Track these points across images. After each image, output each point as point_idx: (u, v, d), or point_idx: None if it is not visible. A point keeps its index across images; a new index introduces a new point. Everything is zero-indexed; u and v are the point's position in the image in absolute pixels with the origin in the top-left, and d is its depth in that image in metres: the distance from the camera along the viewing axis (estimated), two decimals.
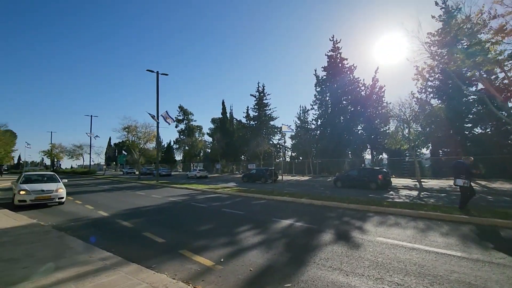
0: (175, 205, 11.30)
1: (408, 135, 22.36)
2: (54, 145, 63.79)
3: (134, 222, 7.81)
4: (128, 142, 31.83)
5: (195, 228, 7.06)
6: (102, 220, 8.29)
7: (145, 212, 9.77)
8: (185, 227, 7.31)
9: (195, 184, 21.30)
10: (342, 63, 33.20)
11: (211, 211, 9.74)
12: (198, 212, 9.68)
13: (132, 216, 8.84)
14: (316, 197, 12.14)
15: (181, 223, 7.91)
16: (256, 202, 12.06)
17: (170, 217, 8.75)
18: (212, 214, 9.20)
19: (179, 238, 6.11)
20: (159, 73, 27.22)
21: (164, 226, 7.44)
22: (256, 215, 8.76)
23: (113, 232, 6.93)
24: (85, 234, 6.51)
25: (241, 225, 7.33)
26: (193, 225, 7.43)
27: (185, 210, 10.19)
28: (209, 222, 7.87)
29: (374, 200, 10.99)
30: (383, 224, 7.32)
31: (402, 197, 13.49)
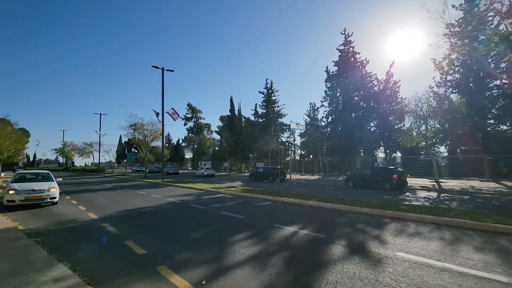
0: (172, 207, 10.52)
1: (425, 132, 20.93)
2: (66, 143, 64.83)
3: (120, 227, 7.05)
4: (134, 140, 31.47)
5: (184, 236, 6.22)
6: (88, 225, 7.57)
7: (138, 214, 9.02)
8: (174, 233, 6.48)
9: (200, 183, 20.59)
10: (354, 57, 31.71)
11: (208, 215, 8.90)
12: (195, 215, 8.85)
13: (121, 220, 8.10)
14: (325, 199, 11.13)
15: (171, 228, 7.08)
16: (260, 204, 11.15)
17: (162, 221, 7.96)
18: (209, 218, 8.35)
19: (162, 249, 5.28)
20: (164, 69, 26.65)
21: (151, 232, 6.63)
22: (256, 220, 7.85)
23: (93, 239, 6.17)
24: (60, 242, 5.77)
25: (237, 232, 6.44)
26: (183, 232, 6.59)
27: (181, 212, 9.39)
28: (202, 228, 7.02)
29: (390, 203, 9.89)
30: (403, 233, 6.28)
31: (421, 200, 12.29)
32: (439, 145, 21.80)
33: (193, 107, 68.03)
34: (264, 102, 43.51)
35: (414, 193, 14.98)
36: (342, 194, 14.66)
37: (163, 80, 26.62)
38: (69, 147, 64.06)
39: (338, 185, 20.20)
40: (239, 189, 15.99)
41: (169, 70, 27.04)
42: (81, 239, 6.16)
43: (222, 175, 36.36)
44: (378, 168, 19.31)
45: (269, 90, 43.36)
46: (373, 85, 30.53)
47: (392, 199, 12.71)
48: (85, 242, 5.90)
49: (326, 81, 34.03)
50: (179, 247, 5.37)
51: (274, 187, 18.15)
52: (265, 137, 36.02)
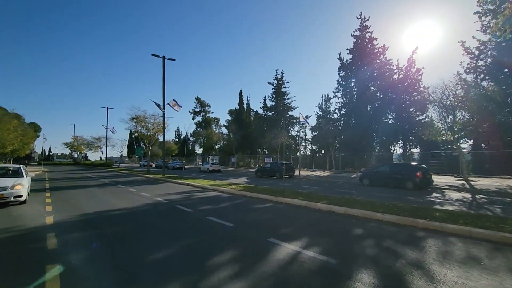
0: (154, 209, 8.91)
1: (453, 124, 18.50)
2: (76, 138, 65.11)
3: (65, 240, 5.47)
4: (137, 134, 30.32)
5: (143, 257, 4.51)
6: (29, 234, 6.02)
7: (105, 219, 7.42)
8: (132, 252, 4.79)
9: (201, 180, 19.05)
10: (371, 43, 29.09)
11: (191, 221, 7.21)
12: (174, 221, 7.17)
13: (79, 227, 6.52)
14: (337, 201, 9.24)
15: (133, 243, 5.38)
16: (259, 206, 9.39)
17: (128, 230, 6.30)
18: (189, 227, 6.65)
19: (92, 285, 3.60)
20: (165, 58, 25.15)
21: (102, 250, 4.98)
22: (248, 231, 6.09)
23: (10, 261, 4.56)
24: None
25: (218, 251, 4.70)
26: (146, 249, 4.90)
27: (159, 217, 7.74)
28: (174, 243, 5.31)
29: (419, 209, 7.90)
30: (451, 258, 4.37)
31: (454, 203, 10.20)
32: (468, 138, 19.29)
33: (201, 101, 66.73)
34: (273, 94, 41.41)
35: (443, 194, 12.85)
36: (357, 194, 12.74)
37: (164, 69, 25.15)
38: (79, 142, 64.33)
39: (352, 183, 18.19)
40: (240, 187, 14.30)
41: (170, 59, 25.56)
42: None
43: (229, 171, 34.88)
44: (399, 164, 17.19)
45: (279, 81, 41.17)
46: (392, 74, 27.88)
47: (418, 201, 10.69)
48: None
49: (339, 70, 31.56)
50: (123, 281, 3.67)
51: (281, 185, 16.46)
52: (273, 131, 34.12)
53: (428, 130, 19.94)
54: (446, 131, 19.02)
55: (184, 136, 74.00)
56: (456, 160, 27.36)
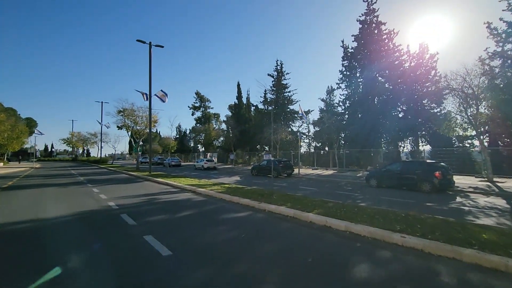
0: (86, 219, 6.66)
1: (476, 116, 15.88)
2: (73, 134, 63.60)
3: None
4: (125, 128, 28.26)
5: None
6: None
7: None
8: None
9: (186, 178, 16.84)
10: (379, 28, 26.30)
11: (115, 243, 4.90)
12: (87, 244, 4.91)
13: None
14: (336, 210, 6.88)
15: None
16: (232, 216, 7.10)
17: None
18: (99, 257, 4.38)
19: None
20: (152, 45, 22.91)
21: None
22: (186, 269, 3.78)
23: None
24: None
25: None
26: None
27: (77, 235, 5.50)
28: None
29: (453, 225, 5.49)
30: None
31: (490, 212, 7.80)
32: (493, 133, 16.65)
33: (201, 96, 64.52)
34: (273, 87, 38.85)
35: (469, 199, 10.42)
36: (363, 198, 10.41)
37: (150, 56, 22.92)
38: (76, 138, 62.82)
39: (357, 183, 15.79)
40: (223, 188, 12.01)
41: (158, 45, 23.28)
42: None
43: (226, 168, 32.67)
44: (412, 162, 14.70)
45: (279, 72, 38.60)
46: (403, 62, 25.09)
47: (441, 209, 8.32)
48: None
49: (343, 59, 28.84)
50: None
51: (274, 185, 14.31)
52: (273, 126, 31.70)
53: (445, 123, 17.33)
54: (468, 125, 16.41)
55: (184, 131, 72.14)
56: (469, 158, 24.76)
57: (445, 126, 17.37)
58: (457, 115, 17.21)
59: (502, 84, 16.69)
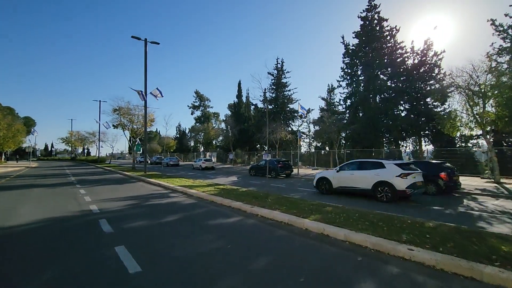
0: (54, 226, 6.05)
1: (483, 114, 15.20)
2: (72, 133, 63.10)
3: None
4: (121, 127, 27.67)
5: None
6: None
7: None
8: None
9: (180, 179, 16.24)
10: (381, 25, 25.60)
11: (76, 257, 4.30)
12: (43, 257, 4.31)
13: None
14: (335, 216, 6.25)
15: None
16: (220, 221, 6.47)
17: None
18: (50, 277, 3.77)
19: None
20: (147, 41, 22.30)
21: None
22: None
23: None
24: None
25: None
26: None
27: (33, 246, 4.89)
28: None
29: (468, 234, 4.85)
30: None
31: (503, 218, 7.14)
32: (504, 131, 15.93)
33: (200, 95, 64.11)
34: (273, 85, 38.16)
35: (477, 202, 9.76)
36: (364, 200, 9.75)
37: (145, 53, 22.31)
38: (75, 137, 62.30)
39: None
40: (216, 189, 11.40)
41: (153, 42, 22.67)
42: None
43: (225, 168, 32.08)
44: (416, 162, 13.93)
45: (280, 71, 37.90)
46: (405, 59, 24.35)
47: (449, 213, 7.68)
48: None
49: (344, 56, 28.14)
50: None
51: (272, 186, 13.80)
52: (272, 125, 31.09)
53: (450, 122, 16.64)
54: (474, 123, 15.73)
55: (183, 130, 71.58)
56: (472, 158, 24.04)
57: (450, 125, 16.70)
58: (463, 113, 16.54)
59: (510, 81, 15.99)
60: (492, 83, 15.06)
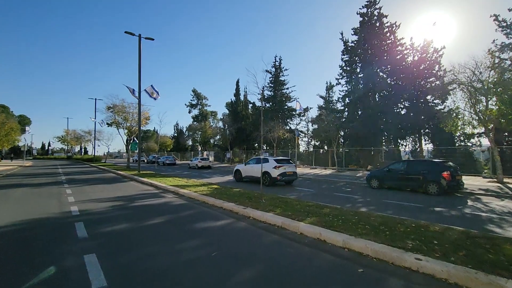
0: (13, 234, 5.51)
1: (485, 112, 14.74)
2: (68, 132, 62.36)
3: None
4: (115, 125, 27.08)
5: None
6: None
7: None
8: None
9: (174, 178, 15.72)
10: (381, 21, 25.09)
11: (29, 270, 3.80)
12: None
13: None
14: (333, 218, 5.76)
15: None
16: (208, 225, 5.97)
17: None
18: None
19: None
20: (141, 37, 21.71)
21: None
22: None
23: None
24: None
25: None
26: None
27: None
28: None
29: (478, 240, 4.39)
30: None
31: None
32: (508, 128, 15.45)
33: (198, 93, 63.45)
34: (271, 83, 37.62)
35: (482, 203, 9.32)
36: (364, 201, 9.34)
37: (139, 49, 21.71)
38: (71, 135, 61.57)
39: (356, 184, 14.71)
40: (209, 189, 10.89)
41: (148, 38, 22.06)
42: None
43: (222, 167, 31.61)
44: (418, 161, 13.58)
45: (278, 68, 37.34)
46: (405, 56, 23.87)
47: (453, 215, 7.24)
48: None
49: (343, 53, 27.62)
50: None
51: (267, 186, 13.24)
52: (270, 124, 30.59)
53: (452, 120, 16.17)
54: (477, 121, 15.28)
55: (181, 128, 70.93)
56: (471, 157, 23.64)
57: (451, 124, 16.24)
58: (465, 111, 16.07)
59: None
60: (495, 80, 14.62)
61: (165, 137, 63.33)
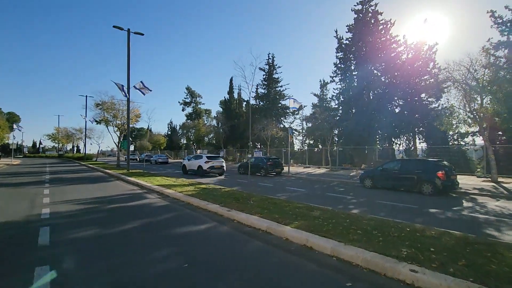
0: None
1: (480, 110, 14.50)
2: (59, 129, 61.01)
3: None
4: (105, 122, 26.32)
5: None
6: None
7: None
8: None
9: (160, 177, 15.19)
10: (375, 18, 24.76)
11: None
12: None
13: None
14: (322, 222, 5.34)
15: None
16: (188, 229, 5.50)
17: None
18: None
19: None
20: (130, 31, 21.03)
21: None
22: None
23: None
24: None
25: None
26: None
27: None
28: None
29: (478, 246, 4.02)
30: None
31: (511, 221, 6.36)
32: (503, 127, 15.23)
33: (192, 91, 62.69)
34: (265, 81, 37.13)
35: (478, 204, 9.02)
36: (357, 202, 9.00)
37: (128, 44, 21.05)
38: (61, 133, 60.24)
39: (350, 183, 14.38)
40: (195, 190, 10.40)
41: (137, 33, 21.36)
42: None
43: None
44: (412, 161, 13.27)
45: (271, 66, 36.84)
46: (400, 53, 23.63)
47: (449, 217, 6.91)
48: None
49: (337, 50, 27.24)
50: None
51: (259, 185, 12.97)
52: (263, 122, 30.17)
53: (446, 118, 15.92)
54: (471, 120, 15.04)
55: (174, 128, 70.11)
56: (464, 156, 23.55)
57: (446, 122, 15.98)
58: (460, 109, 15.81)
59: (508, 76, 15.32)
60: (490, 78, 14.38)
61: (158, 135, 62.44)
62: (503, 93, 13.66)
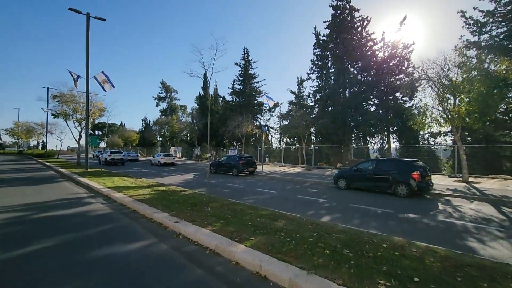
0: None
1: (454, 109, 14.33)
2: (18, 124, 56.03)
3: None
4: (63, 116, 23.88)
5: None
6: None
7: None
8: None
9: (118, 178, 13.68)
10: (352, 15, 24.38)
11: None
12: None
13: None
14: (284, 238, 4.37)
15: None
16: (111, 252, 4.29)
17: None
18: None
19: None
20: (90, 16, 19.01)
21: None
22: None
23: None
24: None
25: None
26: None
27: None
28: None
29: (473, 271, 3.20)
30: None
31: (490, 228, 5.79)
32: (474, 127, 15.25)
33: (167, 86, 60.15)
34: (240, 77, 35.92)
35: (452, 206, 8.56)
36: (329, 206, 8.21)
37: (88, 29, 19.03)
38: (22, 128, 55.34)
39: (324, 184, 13.69)
40: (147, 194, 9.10)
41: (98, 18, 19.35)
42: None
43: (187, 164, 29.46)
44: (387, 160, 12.76)
45: (246, 61, 35.69)
46: (375, 51, 23.46)
47: (427, 223, 6.26)
48: None
49: (314, 47, 26.65)
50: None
51: (227, 186, 11.90)
52: (238, 119, 29.04)
53: (419, 118, 15.69)
54: (444, 119, 14.89)
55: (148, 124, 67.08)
56: (433, 156, 24.03)
57: (419, 121, 15.76)
58: (433, 108, 15.64)
59: (479, 77, 15.33)
60: (463, 77, 14.26)
61: (130, 131, 59.36)
62: (475, 93, 13.55)
